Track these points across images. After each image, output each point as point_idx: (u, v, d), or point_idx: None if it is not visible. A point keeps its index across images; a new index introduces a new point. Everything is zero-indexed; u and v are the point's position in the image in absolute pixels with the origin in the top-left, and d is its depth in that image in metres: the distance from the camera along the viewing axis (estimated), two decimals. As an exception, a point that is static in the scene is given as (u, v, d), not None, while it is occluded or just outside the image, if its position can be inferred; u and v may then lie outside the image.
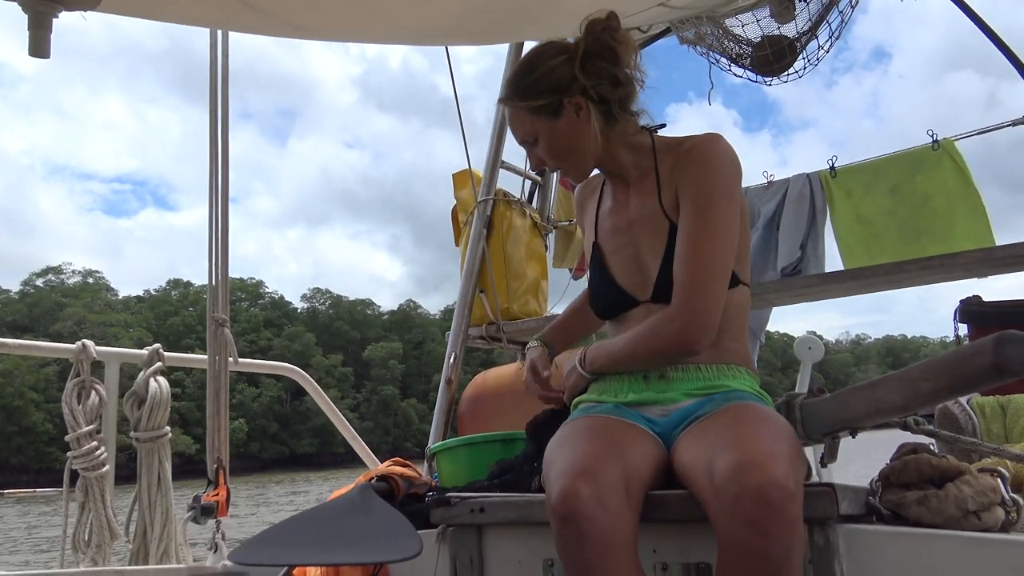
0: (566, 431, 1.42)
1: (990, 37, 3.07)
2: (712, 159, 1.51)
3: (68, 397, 2.39)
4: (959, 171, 3.28)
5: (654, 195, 1.56)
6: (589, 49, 1.55)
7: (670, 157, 1.57)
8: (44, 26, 1.65)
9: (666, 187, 1.55)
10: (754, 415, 1.31)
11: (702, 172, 1.50)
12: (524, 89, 1.58)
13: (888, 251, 3.33)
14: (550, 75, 1.56)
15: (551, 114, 1.57)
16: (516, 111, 1.61)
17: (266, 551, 1.47)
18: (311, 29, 2.55)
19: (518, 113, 1.61)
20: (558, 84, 1.55)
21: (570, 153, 1.60)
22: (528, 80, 1.58)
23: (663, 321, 1.46)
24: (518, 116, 1.61)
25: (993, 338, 1.06)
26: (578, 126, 1.56)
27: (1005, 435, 1.82)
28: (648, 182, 1.59)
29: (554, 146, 1.59)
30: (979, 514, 1.21)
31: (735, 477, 1.11)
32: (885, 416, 1.28)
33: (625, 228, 1.61)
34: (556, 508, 1.18)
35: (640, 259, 1.57)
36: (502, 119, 3.26)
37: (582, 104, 1.56)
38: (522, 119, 1.60)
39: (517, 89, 1.60)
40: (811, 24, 2.97)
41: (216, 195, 2.51)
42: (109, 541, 2.36)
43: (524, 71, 1.60)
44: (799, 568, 1.10)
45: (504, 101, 1.63)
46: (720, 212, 1.47)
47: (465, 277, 3.07)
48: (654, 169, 1.59)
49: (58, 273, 65.30)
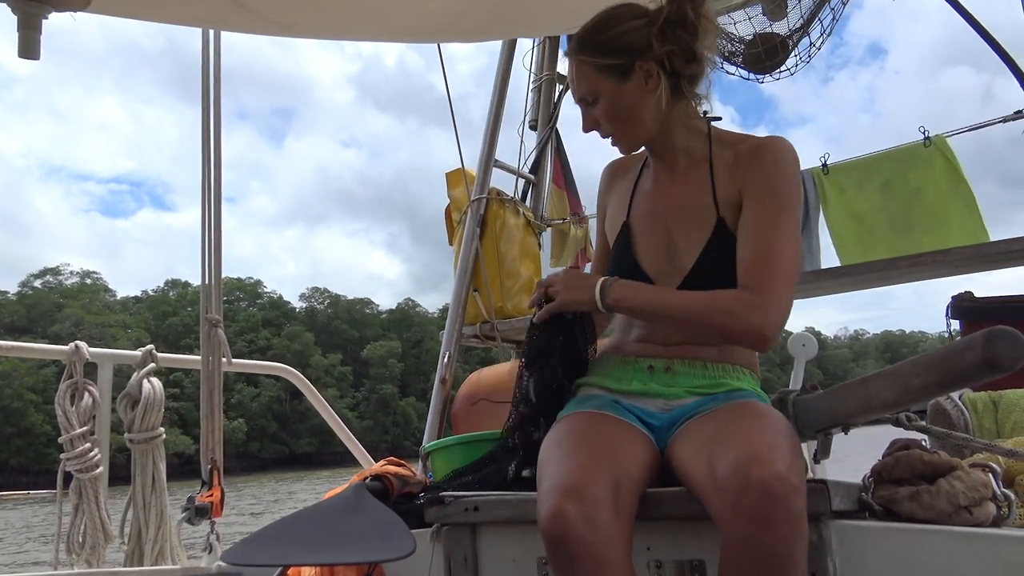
0: (559, 432, 1.40)
1: (981, 35, 3.08)
2: (789, 161, 1.49)
3: (61, 398, 2.38)
4: (951, 167, 3.30)
5: (706, 185, 1.53)
6: (671, 17, 1.50)
7: (729, 152, 1.54)
8: (33, 27, 1.64)
9: (722, 180, 1.52)
10: (752, 411, 1.31)
11: (779, 172, 1.47)
12: (597, 45, 1.53)
13: (881, 245, 3.34)
14: (627, 36, 1.51)
15: (620, 75, 1.52)
16: (583, 66, 1.55)
17: (260, 551, 1.47)
18: (302, 27, 2.54)
19: (584, 68, 1.54)
20: (633, 46, 1.51)
21: (629, 119, 1.54)
22: (603, 36, 1.53)
23: (743, 304, 1.38)
24: (584, 71, 1.55)
25: (984, 333, 1.06)
26: (644, 93, 1.52)
27: (997, 431, 1.83)
28: (700, 171, 1.55)
29: (615, 109, 1.54)
30: (971, 509, 1.21)
31: (737, 472, 1.10)
32: (877, 412, 1.28)
33: (662, 213, 1.56)
34: (545, 530, 1.18)
35: (673, 247, 1.53)
36: (495, 117, 3.26)
37: (653, 71, 1.51)
38: (587, 75, 1.54)
39: (589, 44, 1.54)
40: (803, 21, 2.98)
41: (208, 195, 2.51)
42: (103, 543, 2.35)
43: (599, 27, 1.55)
44: (803, 561, 1.10)
45: (573, 54, 1.56)
46: (794, 216, 1.46)
47: (459, 276, 3.07)
48: (708, 159, 1.55)
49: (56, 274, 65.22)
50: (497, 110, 3.24)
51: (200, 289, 2.50)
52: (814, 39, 3.01)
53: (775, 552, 1.07)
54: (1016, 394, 1.86)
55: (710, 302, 1.41)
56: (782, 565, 1.07)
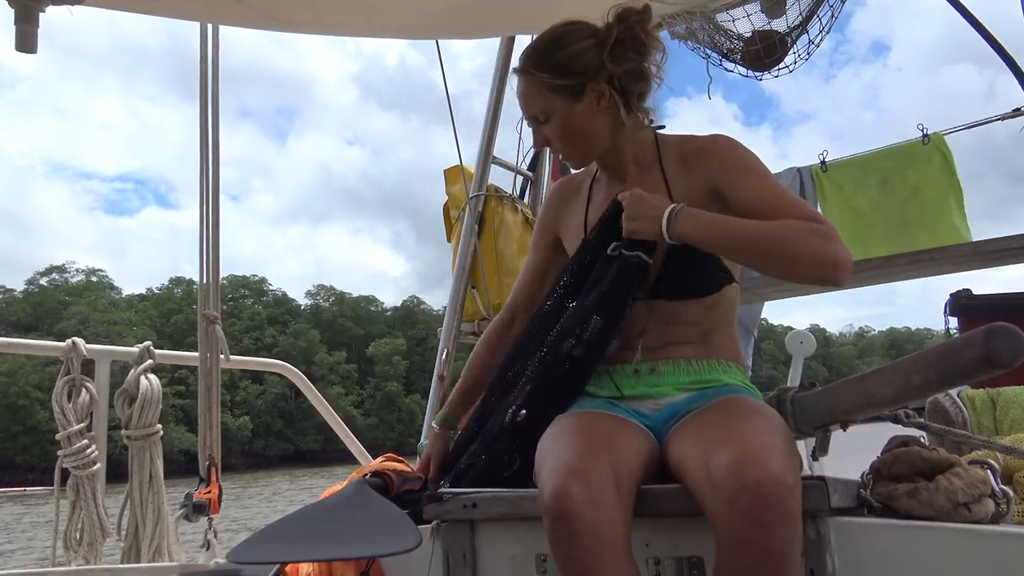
0: (556, 428, 1.41)
1: (981, 33, 3.08)
2: (738, 147, 1.53)
3: (58, 395, 2.38)
4: (947, 165, 3.30)
5: (660, 187, 1.55)
6: (621, 38, 1.52)
7: (674, 152, 1.57)
8: (31, 21, 1.64)
9: (675, 178, 1.55)
10: (747, 409, 1.31)
11: (742, 153, 1.51)
12: (550, 65, 1.53)
13: (879, 242, 3.35)
14: (579, 57, 1.52)
15: (572, 96, 1.53)
16: (534, 85, 1.56)
17: (264, 549, 1.47)
18: (299, 23, 2.54)
19: (536, 88, 1.55)
20: (586, 67, 1.52)
21: (581, 138, 1.57)
22: (556, 57, 1.54)
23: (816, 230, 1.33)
24: (535, 91, 1.56)
25: (983, 330, 1.06)
26: (595, 112, 1.54)
27: (995, 427, 1.83)
28: (651, 174, 1.58)
29: (567, 128, 1.56)
30: (969, 506, 1.21)
31: (733, 473, 1.11)
32: (876, 409, 1.28)
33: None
34: (548, 507, 1.18)
35: None
36: (493, 114, 3.26)
37: (605, 91, 1.53)
38: (539, 94, 1.55)
39: (541, 63, 1.55)
40: (802, 19, 2.97)
41: (207, 192, 2.51)
42: (101, 539, 2.35)
43: (551, 47, 1.55)
44: (798, 560, 1.11)
45: (524, 73, 1.57)
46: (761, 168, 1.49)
47: (457, 273, 3.07)
48: (658, 165, 1.58)
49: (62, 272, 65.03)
50: (495, 107, 3.24)
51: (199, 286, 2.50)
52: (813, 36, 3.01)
53: (770, 552, 1.07)
54: (1014, 391, 1.86)
55: (785, 226, 1.35)
56: (777, 565, 1.08)
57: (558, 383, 1.50)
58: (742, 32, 3.03)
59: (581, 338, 1.47)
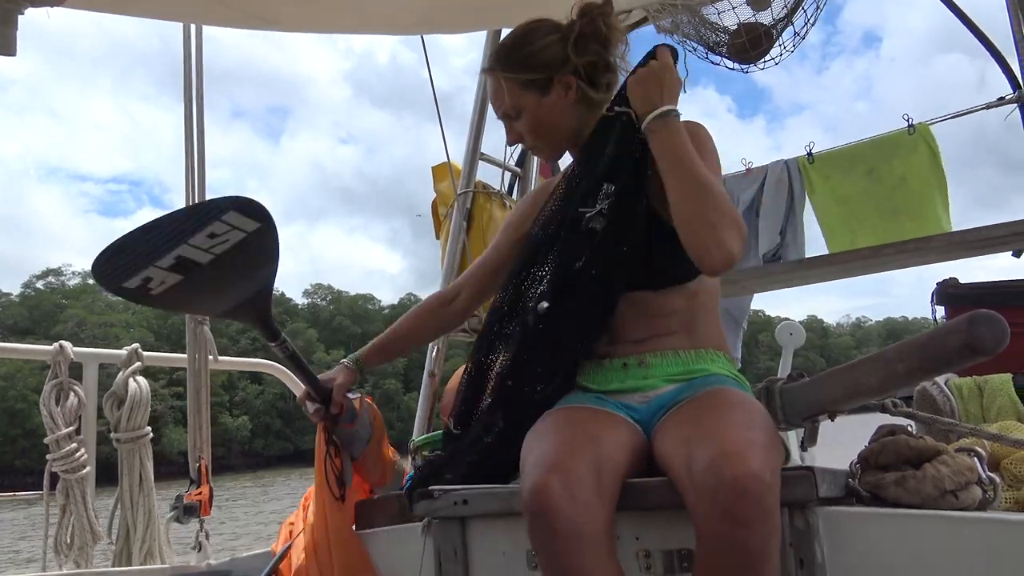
0: (541, 424, 1.41)
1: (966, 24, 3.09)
2: (706, 137, 1.53)
3: (46, 399, 2.37)
4: (933, 155, 3.32)
5: None
6: (584, 31, 1.59)
7: None
8: (9, 23, 1.62)
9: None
10: (730, 403, 1.31)
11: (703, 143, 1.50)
12: (517, 62, 1.61)
13: (867, 231, 3.37)
14: (544, 51, 1.59)
15: (540, 90, 1.60)
16: (504, 83, 1.62)
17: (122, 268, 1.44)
18: (283, 21, 2.53)
19: (506, 85, 1.62)
20: (551, 61, 1.59)
21: (551, 130, 1.63)
22: (521, 54, 1.61)
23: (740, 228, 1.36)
24: (505, 88, 1.62)
25: (966, 318, 1.06)
26: (563, 105, 1.60)
27: (982, 415, 1.84)
28: None
29: (538, 122, 1.62)
30: (956, 493, 1.22)
31: (712, 469, 1.11)
32: (863, 398, 1.28)
33: None
34: (527, 504, 1.19)
35: None
36: (480, 110, 3.25)
37: (572, 83, 1.59)
38: (509, 91, 1.62)
39: (508, 61, 1.62)
40: (787, 11, 2.97)
41: (193, 193, 2.50)
42: (91, 543, 2.34)
43: (517, 44, 1.62)
44: (776, 555, 1.12)
45: (491, 72, 1.64)
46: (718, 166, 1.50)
47: (446, 270, 3.07)
48: None
49: (58, 275, 64.47)
50: (482, 103, 3.24)
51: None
52: (798, 29, 3.01)
53: (748, 547, 1.08)
54: (1001, 379, 1.87)
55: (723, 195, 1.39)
56: (755, 560, 1.09)
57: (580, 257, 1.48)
58: (727, 25, 3.03)
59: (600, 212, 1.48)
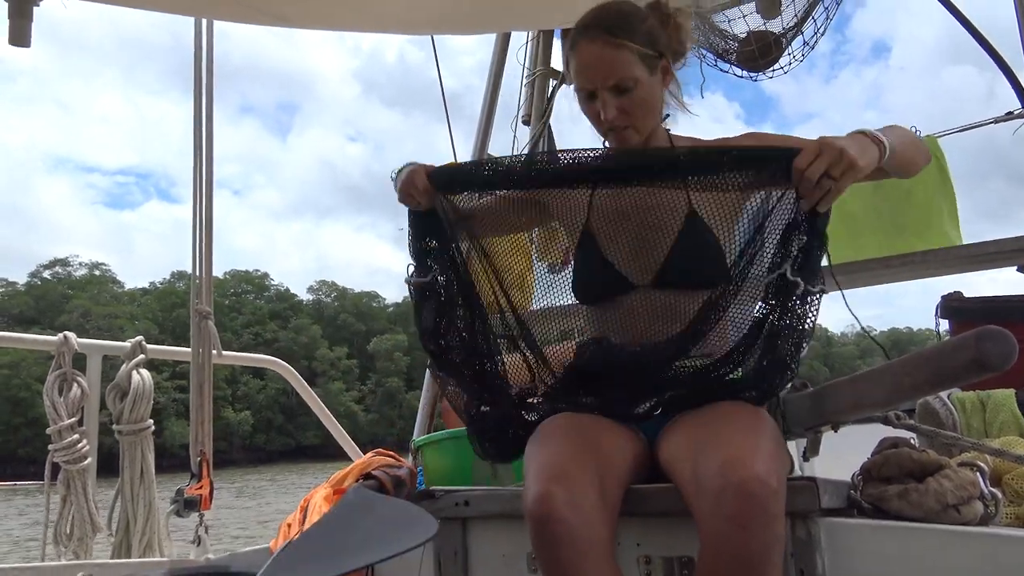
0: (543, 431, 1.39)
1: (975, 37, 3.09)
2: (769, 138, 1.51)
3: (49, 389, 2.37)
4: (941, 168, 3.31)
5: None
6: (678, 22, 1.54)
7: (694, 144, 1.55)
8: (24, 15, 1.63)
9: None
10: (737, 410, 1.31)
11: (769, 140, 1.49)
12: (641, 33, 1.47)
13: (872, 246, 3.35)
14: (656, 31, 1.50)
15: (650, 68, 1.49)
16: (622, 52, 1.46)
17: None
18: (292, 18, 2.54)
19: (624, 55, 1.46)
20: (660, 42, 1.51)
21: (650, 112, 1.51)
22: (644, 26, 1.48)
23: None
24: (623, 57, 1.46)
25: (974, 333, 1.06)
26: (660, 89, 1.52)
27: (985, 430, 1.84)
28: None
29: (644, 100, 1.49)
30: (959, 508, 1.22)
31: (718, 473, 1.11)
32: (867, 410, 1.29)
33: (632, 211, 1.51)
34: (531, 511, 1.18)
35: (647, 242, 1.49)
36: (488, 112, 3.25)
37: (669, 70, 1.53)
38: (626, 62, 1.46)
39: (633, 31, 1.47)
40: (797, 20, 2.98)
41: (200, 186, 2.50)
42: (91, 534, 2.34)
43: (635, 17, 1.49)
44: (779, 563, 1.11)
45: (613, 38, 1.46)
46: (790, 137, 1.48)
47: (451, 270, 3.06)
48: None
49: (65, 265, 64.38)
50: (490, 105, 3.24)
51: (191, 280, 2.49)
52: (808, 38, 3.02)
53: (751, 552, 1.08)
54: (1004, 394, 1.87)
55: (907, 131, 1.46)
56: (757, 566, 1.08)
57: None
58: (737, 33, 3.03)
59: None
